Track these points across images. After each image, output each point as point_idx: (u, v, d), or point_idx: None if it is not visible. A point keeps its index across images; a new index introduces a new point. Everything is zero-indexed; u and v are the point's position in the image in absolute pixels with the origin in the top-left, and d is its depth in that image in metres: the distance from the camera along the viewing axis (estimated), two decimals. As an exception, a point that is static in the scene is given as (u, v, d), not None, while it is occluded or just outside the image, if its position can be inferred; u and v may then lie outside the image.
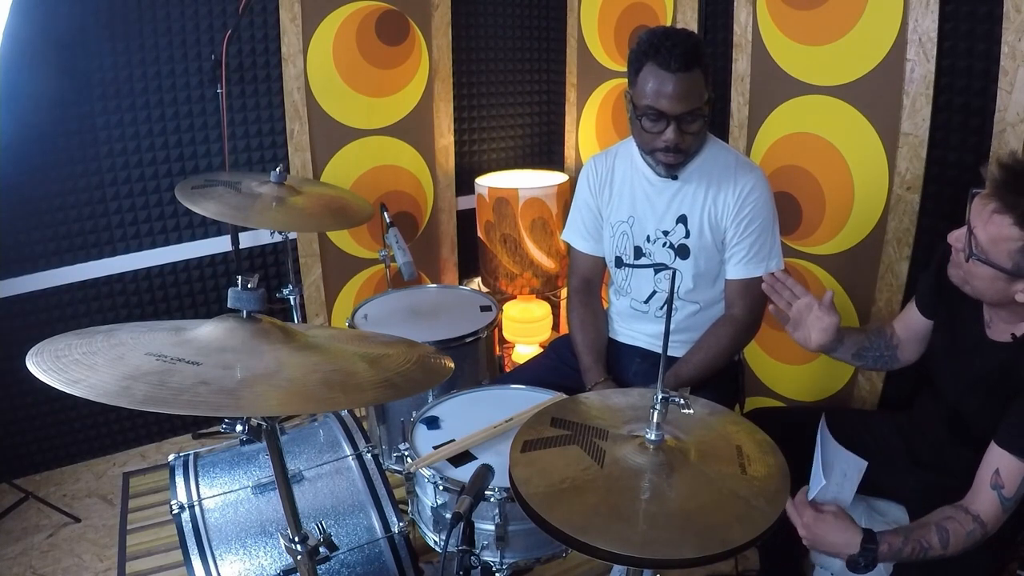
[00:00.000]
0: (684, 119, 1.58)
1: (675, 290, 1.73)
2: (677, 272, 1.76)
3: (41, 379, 0.89)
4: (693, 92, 1.57)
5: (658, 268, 1.80)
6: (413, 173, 3.01)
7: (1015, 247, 1.19)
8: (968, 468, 1.29)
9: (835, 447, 1.31)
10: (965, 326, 1.42)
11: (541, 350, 2.58)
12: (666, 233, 1.76)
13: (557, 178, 3.07)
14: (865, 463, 1.27)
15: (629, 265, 1.84)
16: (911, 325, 1.59)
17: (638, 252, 1.82)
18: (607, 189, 1.85)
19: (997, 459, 1.24)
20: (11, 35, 2.11)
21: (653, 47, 1.55)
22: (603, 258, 1.93)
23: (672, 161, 1.65)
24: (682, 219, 1.74)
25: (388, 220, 2.40)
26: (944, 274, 1.38)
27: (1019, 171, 1.18)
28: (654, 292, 1.82)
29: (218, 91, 2.40)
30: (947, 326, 1.49)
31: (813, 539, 1.28)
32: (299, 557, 1.15)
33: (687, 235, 1.74)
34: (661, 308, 1.82)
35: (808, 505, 1.29)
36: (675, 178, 1.73)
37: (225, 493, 1.53)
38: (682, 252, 1.76)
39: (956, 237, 1.29)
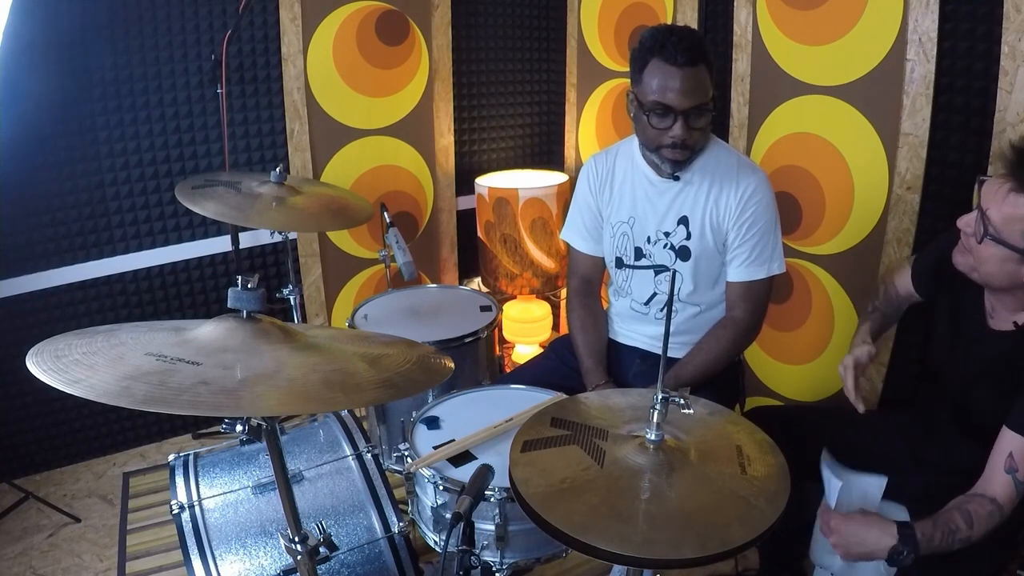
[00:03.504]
0: (691, 114, 1.58)
1: (675, 292, 1.73)
2: (677, 274, 1.76)
3: (41, 379, 0.89)
4: (700, 87, 1.57)
5: (658, 269, 1.80)
6: (413, 173, 3.01)
7: None
8: (975, 465, 1.29)
9: (851, 477, 1.31)
10: (967, 317, 1.42)
11: (541, 350, 2.58)
12: (667, 234, 1.76)
13: (557, 178, 3.07)
14: (884, 479, 1.28)
15: (629, 266, 1.84)
16: (908, 287, 1.64)
17: (638, 253, 1.81)
18: (607, 189, 1.84)
19: (1010, 443, 1.24)
20: (11, 35, 2.11)
21: (658, 43, 1.55)
22: (603, 258, 1.93)
23: (678, 158, 1.65)
24: (683, 220, 1.74)
25: (388, 220, 2.40)
26: (944, 264, 1.38)
27: None
28: (654, 294, 1.82)
29: (218, 91, 2.40)
30: (949, 317, 1.49)
31: (845, 542, 1.27)
32: (299, 557, 1.15)
33: (688, 236, 1.74)
34: (661, 310, 1.82)
35: (832, 511, 1.29)
36: (677, 178, 1.72)
37: (225, 493, 1.53)
38: (683, 254, 1.76)
39: (966, 222, 1.30)
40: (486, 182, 3.00)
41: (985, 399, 1.38)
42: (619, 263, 1.86)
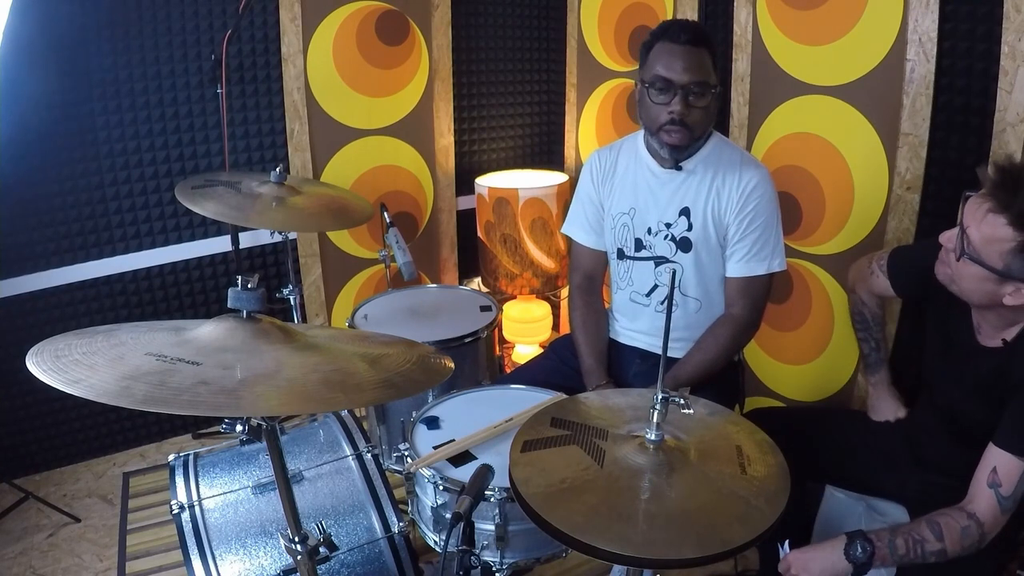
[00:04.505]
0: (691, 90, 1.59)
1: (676, 286, 1.73)
2: (677, 268, 1.76)
3: (41, 379, 0.89)
4: (701, 65, 1.60)
5: (659, 261, 1.79)
6: (413, 173, 3.01)
7: (1007, 248, 1.19)
8: (970, 469, 1.29)
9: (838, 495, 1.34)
10: (956, 332, 1.42)
11: (541, 350, 2.58)
12: (668, 225, 1.76)
13: (557, 178, 3.07)
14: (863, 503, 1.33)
15: (630, 257, 1.84)
16: (883, 291, 1.65)
17: (639, 244, 1.81)
18: (609, 182, 1.85)
19: (995, 458, 1.25)
20: (11, 35, 2.11)
21: (663, 29, 1.63)
22: (605, 252, 1.93)
23: (677, 141, 1.65)
24: (685, 211, 1.74)
25: (388, 220, 2.40)
26: (932, 275, 1.38)
27: (1015, 173, 1.20)
28: (655, 286, 1.82)
29: (218, 91, 2.40)
30: (939, 330, 1.49)
31: (805, 566, 1.29)
32: (299, 557, 1.15)
33: (689, 228, 1.74)
34: (662, 303, 1.82)
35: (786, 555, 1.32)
36: (679, 168, 1.73)
37: (225, 493, 1.53)
38: (684, 245, 1.76)
39: (948, 237, 1.30)
40: (486, 182, 3.00)
41: (976, 413, 1.38)
42: (620, 254, 1.86)
